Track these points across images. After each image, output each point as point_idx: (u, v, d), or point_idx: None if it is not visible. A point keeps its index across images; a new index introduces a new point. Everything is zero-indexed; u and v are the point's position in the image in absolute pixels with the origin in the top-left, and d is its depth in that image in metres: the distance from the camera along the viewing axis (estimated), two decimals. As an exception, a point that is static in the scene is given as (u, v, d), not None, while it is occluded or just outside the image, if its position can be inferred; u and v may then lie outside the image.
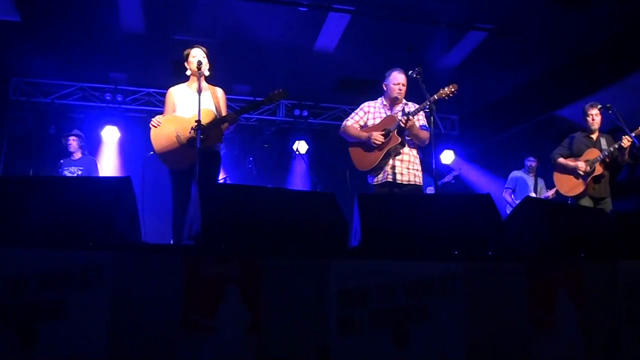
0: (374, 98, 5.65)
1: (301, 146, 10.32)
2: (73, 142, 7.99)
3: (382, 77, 5.58)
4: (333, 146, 10.65)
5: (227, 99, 5.45)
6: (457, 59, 8.93)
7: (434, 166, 4.89)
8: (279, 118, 10.78)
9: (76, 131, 8.19)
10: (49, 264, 2.53)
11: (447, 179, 8.89)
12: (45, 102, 9.93)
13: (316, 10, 7.67)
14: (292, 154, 10.06)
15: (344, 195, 4.05)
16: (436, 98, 5.00)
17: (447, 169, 10.08)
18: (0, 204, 2.84)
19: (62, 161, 8.01)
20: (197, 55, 5.11)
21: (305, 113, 10.64)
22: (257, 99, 5.40)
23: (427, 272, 2.87)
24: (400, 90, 5.39)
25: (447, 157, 10.81)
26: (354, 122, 5.50)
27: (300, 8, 7.55)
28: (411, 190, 5.19)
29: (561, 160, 6.47)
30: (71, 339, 2.48)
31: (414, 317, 2.79)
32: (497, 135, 10.76)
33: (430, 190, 7.92)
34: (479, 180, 10.70)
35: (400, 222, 3.13)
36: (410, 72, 5.19)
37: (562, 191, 6.51)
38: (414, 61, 6.28)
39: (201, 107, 4.73)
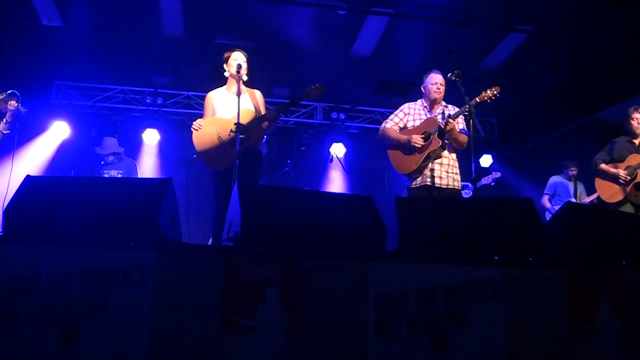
0: (412, 100, 5.62)
1: (338, 149, 10.29)
2: (112, 157, 8.05)
3: (421, 79, 5.56)
4: (370, 149, 10.66)
5: (267, 102, 5.48)
6: (496, 61, 8.83)
7: (473, 170, 4.83)
8: (317, 121, 10.78)
9: (110, 143, 8.08)
10: (92, 262, 2.58)
11: (486, 180, 8.69)
12: (86, 104, 10.13)
13: (355, 13, 7.67)
14: (329, 157, 10.04)
15: (381, 198, 4.05)
16: (478, 101, 4.95)
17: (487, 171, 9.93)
18: (45, 204, 2.91)
19: (102, 162, 8.13)
20: (237, 59, 5.17)
21: (342, 116, 10.63)
22: (295, 96, 5.39)
23: (467, 278, 2.84)
24: (438, 89, 5.36)
25: (486, 161, 10.70)
26: (393, 124, 5.47)
27: (338, 11, 7.56)
28: (450, 194, 5.14)
29: (602, 166, 6.35)
30: (113, 337, 2.52)
31: (453, 323, 2.77)
32: (538, 139, 10.57)
33: (467, 194, 7.81)
34: (518, 184, 10.53)
35: (439, 226, 3.11)
36: (450, 74, 5.13)
37: (603, 197, 6.39)
38: (453, 63, 6.24)
39: (241, 108, 4.78)
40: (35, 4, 7.45)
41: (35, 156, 9.60)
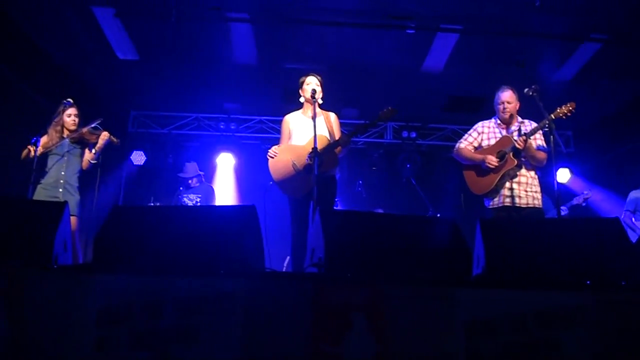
0: (484, 115, 5.52)
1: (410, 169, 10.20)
2: (195, 180, 8.38)
3: (493, 94, 5.45)
4: (443, 167, 10.50)
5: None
6: (571, 72, 8.58)
7: (555, 188, 4.70)
8: (387, 140, 10.73)
9: (191, 167, 8.42)
10: (183, 291, 2.65)
11: (577, 201, 8.34)
12: (162, 132, 10.51)
13: (424, 31, 7.65)
14: (401, 177, 9.97)
15: (456, 217, 3.99)
16: (553, 117, 4.81)
17: (568, 189, 9.61)
18: (133, 233, 3.03)
19: (181, 188, 8.40)
20: (311, 83, 5.22)
21: (413, 134, 10.49)
22: (366, 122, 5.42)
23: (558, 303, 2.74)
24: (505, 108, 5.25)
25: (563, 175, 10.37)
26: (467, 143, 5.41)
27: (407, 30, 7.56)
28: (530, 213, 5.00)
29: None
30: (203, 364, 2.58)
31: (545, 351, 2.68)
32: (615, 150, 10.19)
33: (563, 210, 7.52)
34: (600, 200, 10.13)
35: (525, 249, 3.04)
36: (526, 90, 5.00)
37: None
38: (525, 76, 6.10)
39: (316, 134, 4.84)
40: (110, 41, 7.80)
41: (115, 184, 9.99)
